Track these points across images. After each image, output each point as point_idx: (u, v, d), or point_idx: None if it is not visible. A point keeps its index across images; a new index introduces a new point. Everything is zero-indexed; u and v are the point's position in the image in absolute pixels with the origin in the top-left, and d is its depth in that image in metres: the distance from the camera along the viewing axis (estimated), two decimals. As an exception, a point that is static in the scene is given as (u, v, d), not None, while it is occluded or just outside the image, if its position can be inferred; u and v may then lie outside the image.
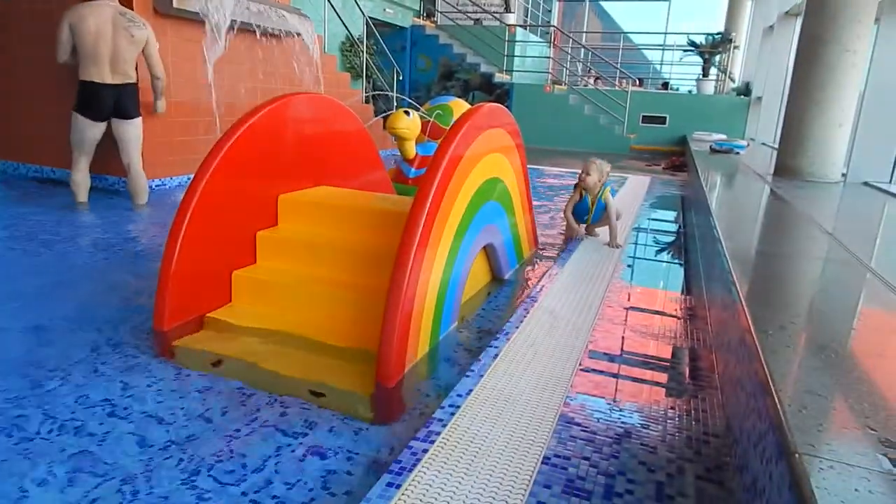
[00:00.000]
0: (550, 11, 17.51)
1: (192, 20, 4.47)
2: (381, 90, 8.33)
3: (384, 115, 4.13)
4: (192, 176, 2.08)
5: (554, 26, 15.57)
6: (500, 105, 2.72)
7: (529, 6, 15.55)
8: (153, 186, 4.46)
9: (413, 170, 3.97)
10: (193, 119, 4.71)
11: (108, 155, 4.10)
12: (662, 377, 1.94)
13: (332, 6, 7.02)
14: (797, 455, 0.95)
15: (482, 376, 1.79)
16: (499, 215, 2.73)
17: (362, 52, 8.13)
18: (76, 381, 1.74)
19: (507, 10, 12.96)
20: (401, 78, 8.37)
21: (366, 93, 8.04)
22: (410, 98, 6.32)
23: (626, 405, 1.69)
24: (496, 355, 1.94)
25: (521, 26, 12.89)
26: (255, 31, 4.99)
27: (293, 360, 1.89)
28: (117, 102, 3.93)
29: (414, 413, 1.68)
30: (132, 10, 4.12)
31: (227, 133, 2.18)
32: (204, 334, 2.05)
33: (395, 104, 7.71)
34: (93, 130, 3.94)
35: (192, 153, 4.70)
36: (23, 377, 1.74)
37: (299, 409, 1.66)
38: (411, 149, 3.92)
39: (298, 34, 5.48)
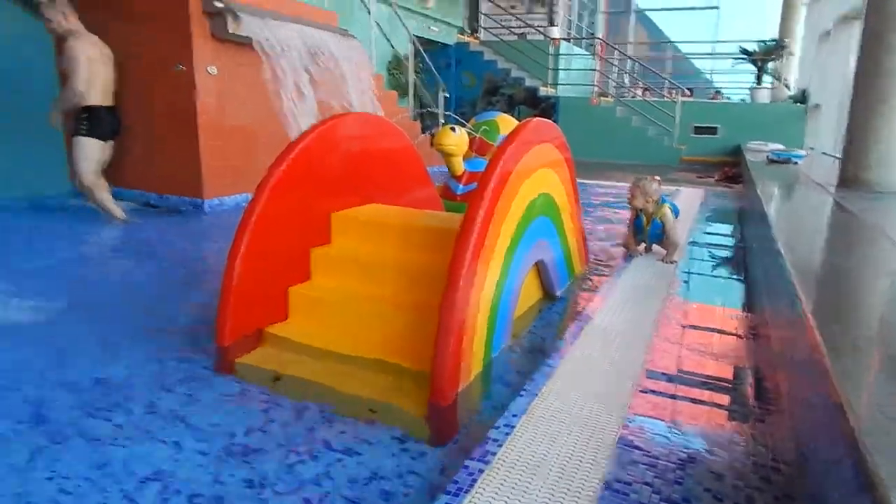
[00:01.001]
0: (595, 23, 17.40)
1: (246, 45, 4.62)
2: (428, 107, 8.43)
3: (431, 131, 4.17)
4: (247, 195, 2.14)
5: (599, 38, 15.45)
6: (547, 120, 2.70)
7: (574, 19, 15.50)
8: (212, 206, 4.61)
9: (461, 186, 3.97)
10: (248, 141, 4.86)
11: (142, 170, 4.32)
12: (725, 399, 1.87)
13: (378, 26, 7.17)
14: (878, 485, 0.89)
15: (536, 396, 1.77)
16: (549, 231, 2.71)
17: (409, 70, 8.25)
18: (144, 393, 1.80)
19: (551, 23, 12.95)
20: (447, 95, 8.45)
21: (412, 110, 8.15)
22: (456, 114, 6.37)
23: (687, 428, 1.63)
24: (550, 374, 1.91)
25: (565, 39, 12.85)
26: (309, 54, 5.12)
27: (348, 377, 1.91)
28: (114, 123, 4.22)
29: (468, 432, 1.67)
30: (190, 37, 4.31)
31: (283, 153, 2.24)
32: (263, 350, 2.10)
33: (442, 121, 7.79)
34: (106, 151, 4.22)
35: (248, 174, 4.84)
36: (93, 388, 1.82)
37: (355, 427, 1.67)
38: (459, 165, 3.93)
39: (348, 56, 5.61)
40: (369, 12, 6.98)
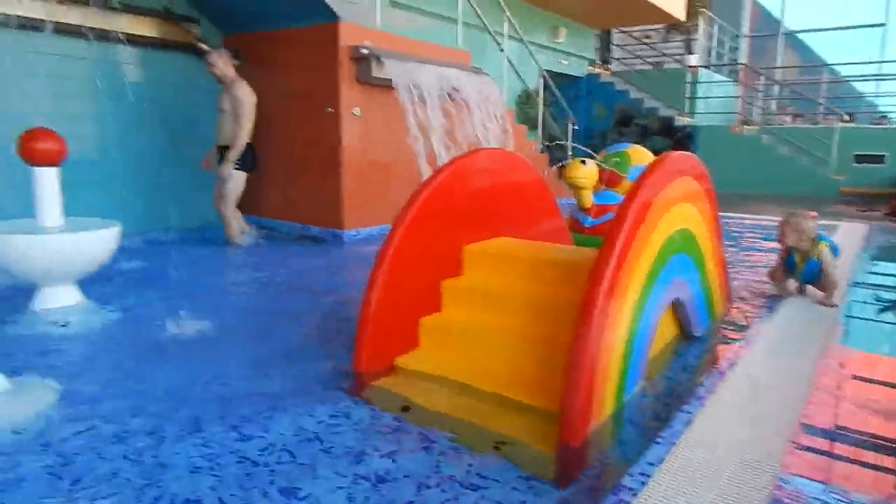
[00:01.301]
0: (738, 49, 16.45)
1: (386, 86, 4.89)
2: (557, 140, 8.41)
3: (560, 164, 4.14)
4: (382, 226, 2.26)
5: (742, 64, 14.57)
6: (687, 152, 2.59)
7: (714, 45, 14.78)
8: (349, 236, 4.91)
9: (590, 219, 3.90)
10: (385, 176, 5.12)
11: (290, 202, 4.68)
12: (900, 465, 1.64)
13: (509, 62, 7.32)
14: None
15: (674, 444, 1.66)
16: (688, 268, 2.56)
17: (538, 104, 8.31)
18: (288, 414, 1.93)
19: (689, 51, 12.45)
20: (577, 127, 8.38)
21: (541, 142, 8.18)
22: (585, 146, 6.29)
23: (855, 497, 1.44)
24: (689, 422, 1.79)
25: (703, 67, 12.27)
26: (445, 92, 5.33)
27: (476, 410, 1.93)
28: (255, 158, 4.74)
29: (598, 476, 1.60)
30: (338, 82, 4.67)
31: (419, 189, 2.35)
32: (395, 377, 2.19)
33: (571, 153, 7.73)
34: (246, 183, 4.72)
35: (384, 207, 5.08)
36: (244, 405, 1.99)
37: (480, 460, 1.67)
38: (588, 198, 3.87)
39: (481, 93, 5.76)
40: (501, 49, 7.15)
